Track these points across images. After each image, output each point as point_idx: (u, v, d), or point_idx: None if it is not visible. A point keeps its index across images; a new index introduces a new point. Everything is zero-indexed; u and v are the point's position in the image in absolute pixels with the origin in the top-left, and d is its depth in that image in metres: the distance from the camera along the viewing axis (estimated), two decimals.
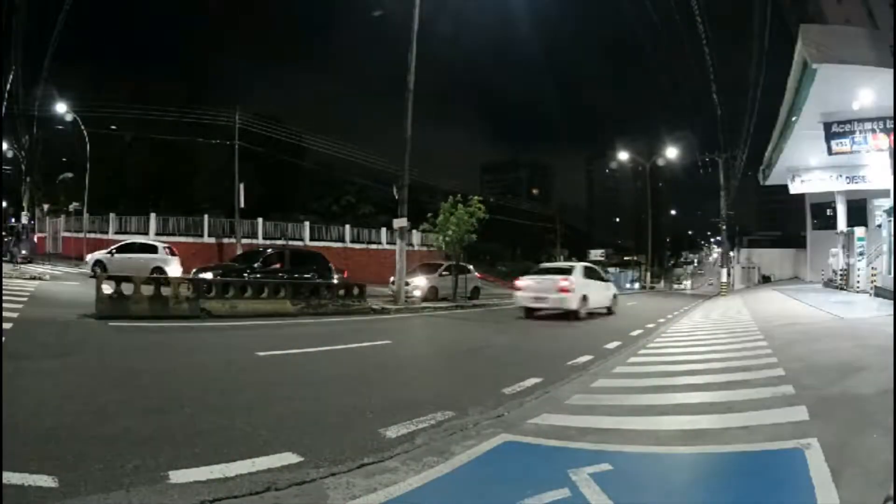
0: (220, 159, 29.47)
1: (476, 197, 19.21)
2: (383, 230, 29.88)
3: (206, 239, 26.02)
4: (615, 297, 15.45)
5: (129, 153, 36.31)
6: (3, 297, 8.01)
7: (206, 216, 26.32)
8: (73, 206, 26.47)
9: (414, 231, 24.84)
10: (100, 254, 18.82)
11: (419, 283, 18.07)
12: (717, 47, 28.35)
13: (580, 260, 28.02)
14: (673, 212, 78.05)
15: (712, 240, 75.51)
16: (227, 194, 25.77)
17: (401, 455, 3.19)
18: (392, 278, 16.76)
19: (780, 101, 18.90)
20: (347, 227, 30.37)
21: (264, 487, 2.64)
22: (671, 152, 38.45)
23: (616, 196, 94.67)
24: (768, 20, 20.70)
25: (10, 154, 29.87)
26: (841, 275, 20.76)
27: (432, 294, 18.23)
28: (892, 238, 15.15)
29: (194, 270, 14.52)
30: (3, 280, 10.43)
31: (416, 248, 28.06)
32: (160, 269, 17.44)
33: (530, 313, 13.09)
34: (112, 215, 25.56)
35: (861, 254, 18.73)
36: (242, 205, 24.62)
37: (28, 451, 2.88)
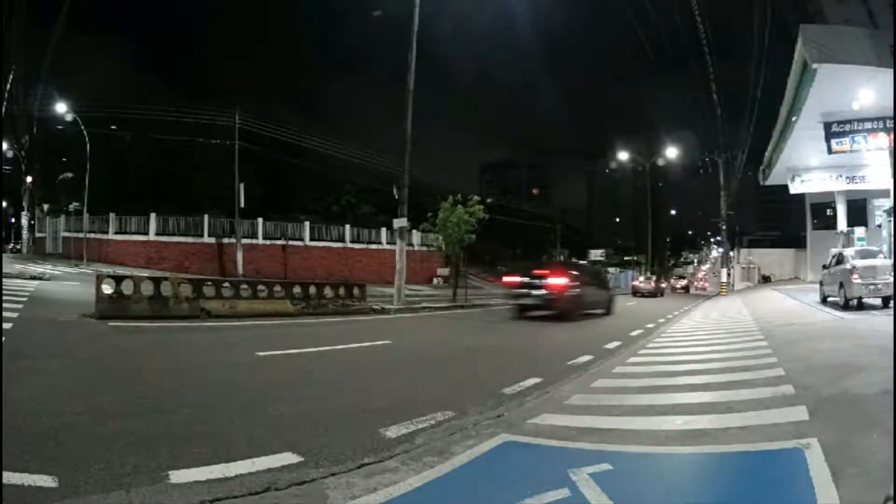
0: (221, 159, 29.45)
1: (475, 197, 19.20)
2: (383, 230, 29.84)
3: (206, 239, 26.03)
4: None
5: (129, 153, 36.26)
6: (3, 297, 8.01)
7: (206, 216, 26.31)
8: (73, 206, 26.44)
9: (414, 231, 24.82)
10: None
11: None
12: (717, 47, 28.33)
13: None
14: (673, 212, 77.96)
15: (712, 240, 75.37)
16: (228, 194, 25.76)
17: (401, 455, 3.18)
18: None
19: (780, 100, 18.91)
20: (347, 227, 30.34)
21: (264, 487, 2.63)
22: (671, 152, 38.54)
23: (616, 196, 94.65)
24: (768, 20, 20.74)
25: (10, 154, 29.84)
26: None
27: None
28: (893, 238, 15.15)
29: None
30: (3, 280, 10.43)
31: (416, 248, 28.01)
32: None
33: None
34: (112, 215, 25.55)
35: None
36: (242, 205, 24.60)
37: (28, 451, 2.88)
